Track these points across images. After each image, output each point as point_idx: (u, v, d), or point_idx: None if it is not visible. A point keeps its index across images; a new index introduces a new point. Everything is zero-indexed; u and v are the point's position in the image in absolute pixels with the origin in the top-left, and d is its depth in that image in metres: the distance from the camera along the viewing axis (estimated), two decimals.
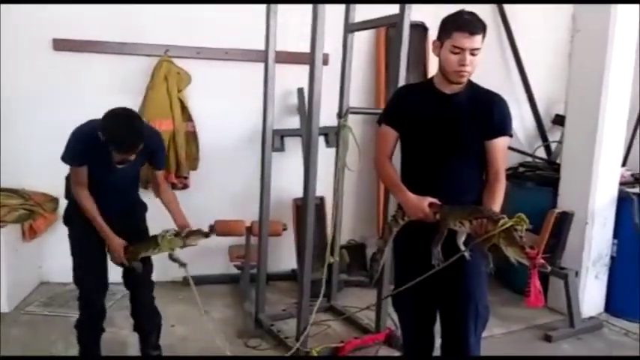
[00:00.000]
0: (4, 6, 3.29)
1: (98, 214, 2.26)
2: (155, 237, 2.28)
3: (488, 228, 1.74)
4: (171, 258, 2.31)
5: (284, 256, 3.80)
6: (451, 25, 1.89)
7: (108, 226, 2.27)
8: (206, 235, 2.29)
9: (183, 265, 2.33)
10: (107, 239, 2.28)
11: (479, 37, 1.87)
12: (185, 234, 2.25)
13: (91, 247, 2.32)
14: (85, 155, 2.21)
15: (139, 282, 2.43)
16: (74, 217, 2.34)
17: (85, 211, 2.25)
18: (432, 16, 3.46)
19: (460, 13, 1.92)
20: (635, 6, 3.22)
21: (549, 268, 1.68)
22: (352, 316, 3.10)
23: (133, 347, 2.63)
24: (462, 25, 1.87)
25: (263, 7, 2.81)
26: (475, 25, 1.87)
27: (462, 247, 1.88)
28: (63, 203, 3.39)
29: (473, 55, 1.88)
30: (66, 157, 2.23)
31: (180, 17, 3.52)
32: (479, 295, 2.01)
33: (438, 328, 2.15)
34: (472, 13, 1.92)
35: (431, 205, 1.90)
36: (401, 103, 2.10)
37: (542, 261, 1.64)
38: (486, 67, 2.02)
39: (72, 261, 2.35)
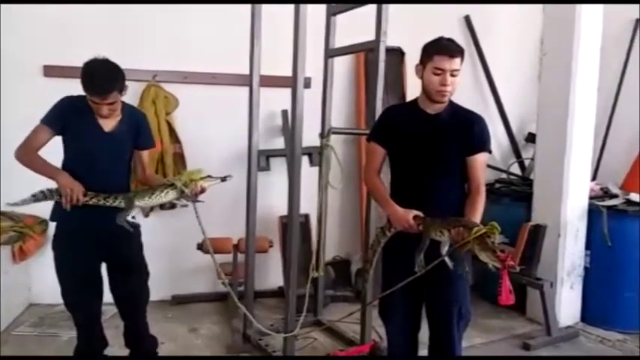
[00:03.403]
0: None
1: (48, 163, 2.17)
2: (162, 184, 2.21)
3: (464, 235, 1.90)
4: (183, 194, 2.19)
5: (271, 273, 3.88)
6: (432, 49, 2.08)
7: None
8: (222, 179, 2.27)
9: (196, 200, 2.24)
10: (56, 177, 2.14)
11: (457, 60, 2.05)
12: (203, 175, 2.22)
13: (78, 275, 2.27)
14: (63, 117, 2.19)
15: (134, 311, 2.43)
16: (60, 243, 2.29)
17: (31, 164, 2.18)
18: (408, 41, 3.66)
19: (440, 38, 2.11)
20: (598, 28, 3.44)
21: (518, 269, 1.86)
22: (337, 329, 3.19)
23: None
24: (441, 48, 2.06)
25: (247, 33, 2.96)
26: (454, 49, 2.06)
27: (445, 256, 2.03)
28: (53, 225, 3.50)
29: (453, 76, 2.05)
30: (44, 119, 2.21)
31: (168, 43, 3.66)
32: (461, 299, 2.17)
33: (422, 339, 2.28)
34: (450, 39, 2.10)
35: (415, 217, 2.06)
36: (388, 121, 2.26)
37: (511, 262, 1.81)
38: (461, 89, 2.18)
39: (60, 287, 2.30)
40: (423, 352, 2.32)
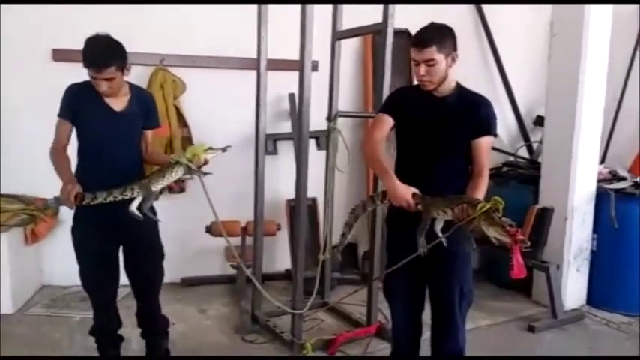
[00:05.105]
0: (3, 17, 3.40)
1: (67, 166, 2.19)
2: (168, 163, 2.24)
3: (469, 212, 1.89)
4: (190, 170, 2.20)
5: (278, 256, 3.93)
6: (412, 40, 2.09)
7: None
8: (223, 150, 2.29)
9: (204, 173, 2.26)
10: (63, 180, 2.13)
11: (430, 50, 2.01)
12: (205, 148, 2.24)
13: (96, 259, 2.29)
14: (73, 104, 2.21)
15: (149, 293, 2.47)
16: (78, 228, 2.31)
17: (55, 165, 2.20)
18: (416, 24, 3.63)
19: (424, 27, 2.08)
20: (608, 11, 3.40)
21: (528, 243, 1.83)
22: (345, 311, 3.23)
23: (137, 344, 2.74)
24: (415, 40, 2.07)
25: (255, 16, 2.95)
26: (424, 39, 2.03)
27: (440, 234, 2.02)
28: (64, 209, 3.55)
29: (430, 65, 2.03)
30: (59, 112, 2.24)
31: (175, 28, 3.66)
32: (464, 279, 2.18)
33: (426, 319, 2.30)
34: (434, 26, 2.07)
35: (414, 195, 2.04)
36: (401, 98, 2.26)
37: (521, 236, 1.79)
38: (470, 72, 2.17)
39: (79, 270, 2.33)
40: (427, 333, 2.35)
